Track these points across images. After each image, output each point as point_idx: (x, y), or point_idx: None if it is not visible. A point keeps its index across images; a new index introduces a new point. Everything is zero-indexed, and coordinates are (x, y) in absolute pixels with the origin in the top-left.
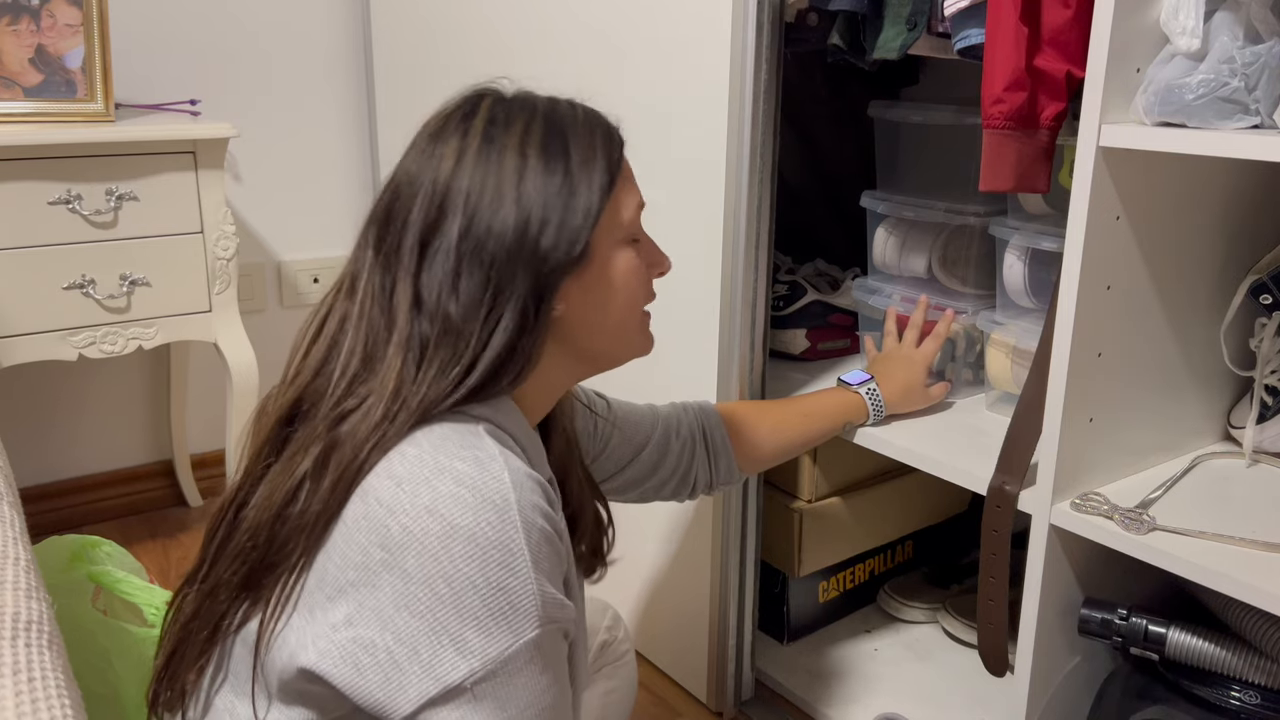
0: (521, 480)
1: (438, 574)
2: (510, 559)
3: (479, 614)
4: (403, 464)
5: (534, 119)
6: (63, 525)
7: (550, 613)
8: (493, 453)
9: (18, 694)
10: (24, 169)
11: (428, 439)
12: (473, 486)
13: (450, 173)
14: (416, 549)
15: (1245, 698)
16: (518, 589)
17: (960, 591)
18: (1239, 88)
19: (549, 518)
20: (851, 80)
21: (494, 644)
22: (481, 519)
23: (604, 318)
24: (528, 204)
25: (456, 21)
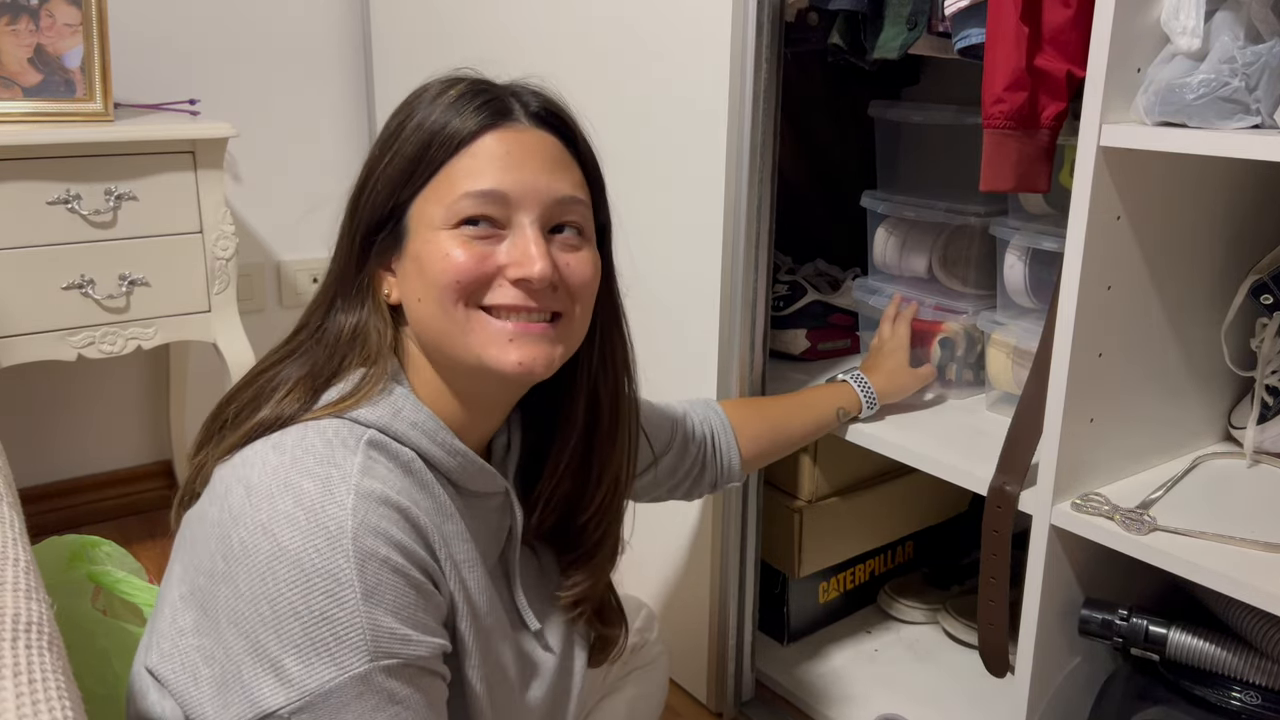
0: (371, 507)
1: (263, 595)
2: (336, 588)
3: (300, 642)
4: (260, 472)
5: (414, 97)
6: (63, 525)
7: (387, 648)
8: (348, 473)
9: (18, 695)
10: (23, 169)
11: (294, 447)
12: (309, 509)
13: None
14: (248, 565)
15: (1246, 698)
16: (344, 620)
17: (960, 592)
18: (1239, 87)
19: (403, 549)
20: (851, 80)
21: (314, 676)
22: (310, 544)
23: (417, 308)
24: (363, 173)
25: (457, 21)
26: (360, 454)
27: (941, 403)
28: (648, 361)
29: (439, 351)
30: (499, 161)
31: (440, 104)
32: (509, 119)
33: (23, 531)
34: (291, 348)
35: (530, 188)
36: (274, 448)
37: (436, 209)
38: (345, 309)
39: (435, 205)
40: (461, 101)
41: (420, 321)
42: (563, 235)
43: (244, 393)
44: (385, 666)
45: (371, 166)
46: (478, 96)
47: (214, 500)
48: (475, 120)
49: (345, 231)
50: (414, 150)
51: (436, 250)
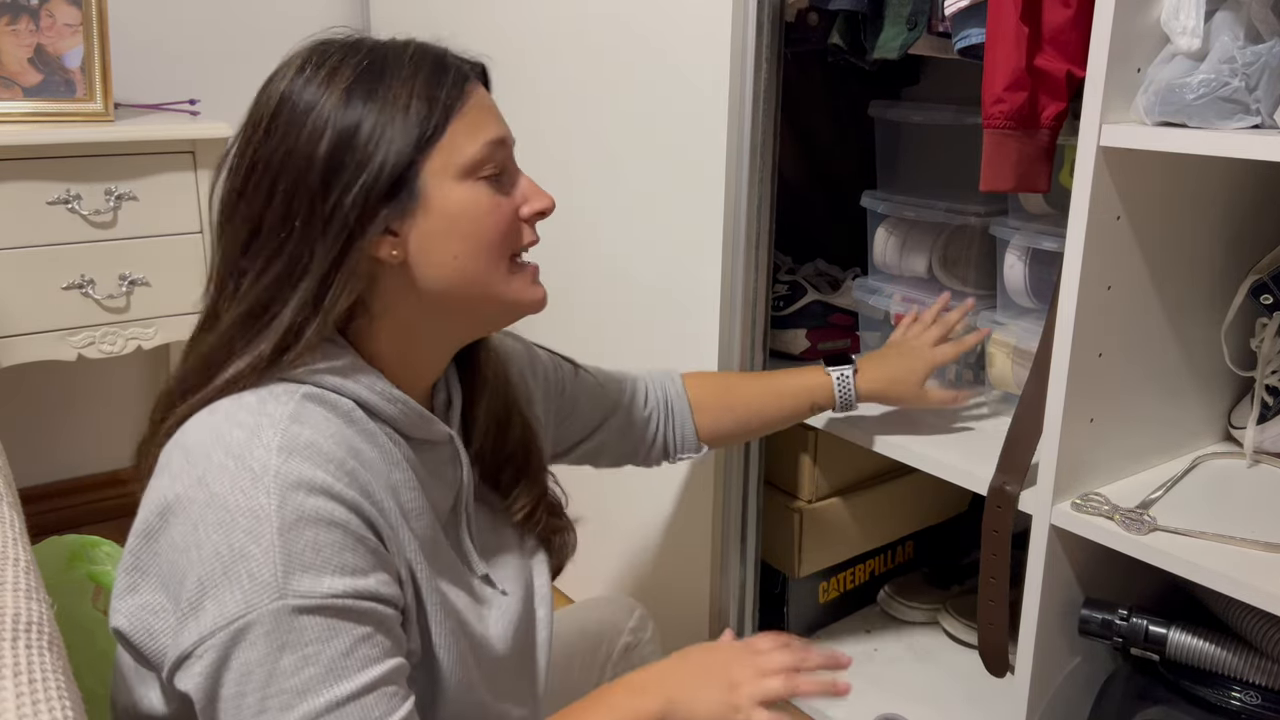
0: (298, 449)
1: (193, 543)
2: (255, 525)
3: (218, 581)
4: (196, 432)
5: (350, 57)
6: (63, 525)
7: (299, 587)
8: (276, 418)
9: (18, 695)
10: (23, 169)
11: (228, 406)
12: (237, 455)
13: (255, 115)
14: (182, 517)
15: (1246, 698)
16: (258, 557)
17: (960, 592)
18: (1239, 87)
19: (330, 492)
20: (851, 80)
21: (225, 610)
22: (236, 485)
23: (451, 263)
24: (316, 141)
25: (456, 22)
26: (293, 404)
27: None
28: (648, 361)
29: (462, 301)
30: (489, 113)
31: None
32: (473, 76)
33: (23, 531)
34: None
35: (509, 133)
36: (209, 411)
37: (454, 162)
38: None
39: (453, 159)
40: (439, 72)
41: (452, 275)
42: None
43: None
44: (296, 606)
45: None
46: (443, 64)
47: (158, 473)
48: (459, 80)
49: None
50: (415, 121)
51: (478, 204)
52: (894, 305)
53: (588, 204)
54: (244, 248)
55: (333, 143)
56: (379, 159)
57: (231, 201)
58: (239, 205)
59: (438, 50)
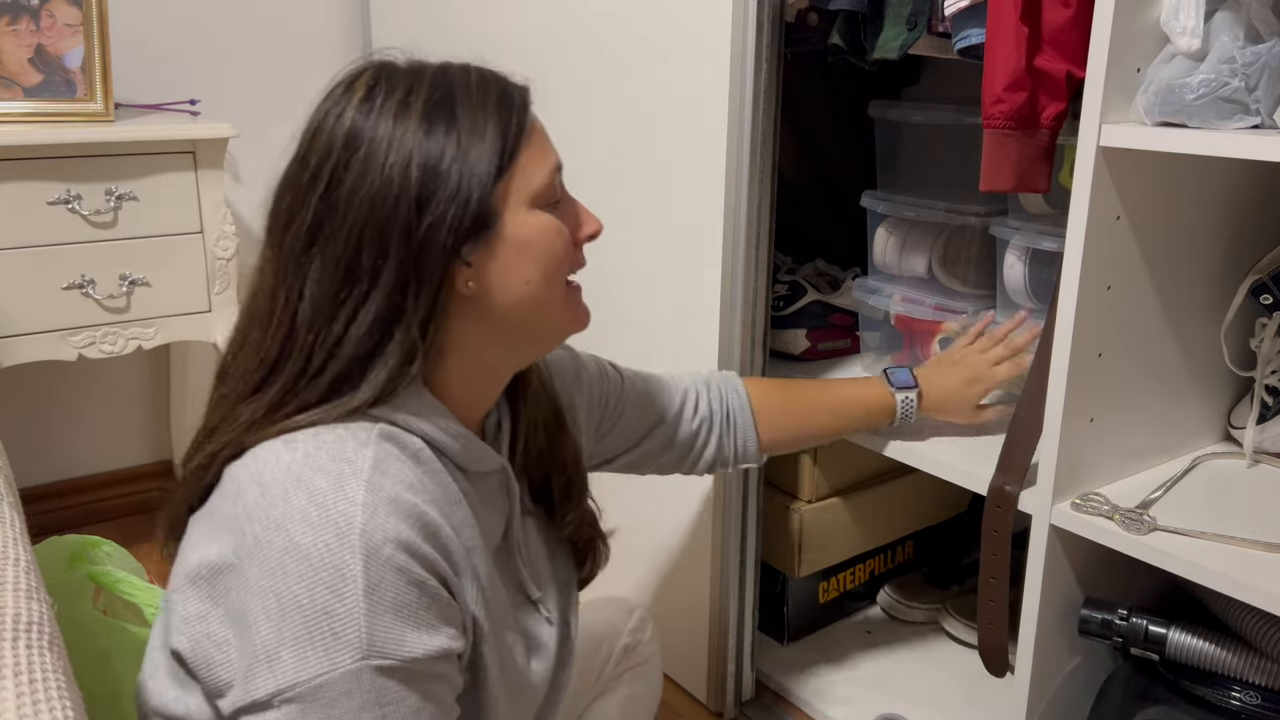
0: (381, 504)
1: (270, 589)
2: (340, 584)
3: (298, 635)
4: (273, 470)
5: (418, 85)
6: (63, 525)
7: (382, 648)
8: (360, 468)
9: (19, 695)
10: (24, 169)
11: (306, 444)
12: (321, 505)
13: (324, 145)
14: (259, 560)
15: (1246, 698)
16: (343, 616)
17: (960, 592)
18: (1239, 88)
19: (411, 549)
20: (851, 80)
21: (306, 667)
22: (320, 539)
23: (523, 290)
24: (403, 174)
25: (456, 22)
26: (373, 448)
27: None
28: (648, 361)
29: (525, 327)
30: (545, 141)
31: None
32: (530, 104)
33: (23, 531)
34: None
35: (559, 158)
36: (286, 444)
37: (525, 191)
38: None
39: (522, 189)
40: (505, 99)
41: (521, 300)
42: None
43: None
44: (378, 666)
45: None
46: (508, 90)
47: (226, 497)
48: (524, 106)
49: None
50: (492, 150)
51: (544, 232)
52: (894, 305)
53: (588, 203)
54: (331, 284)
55: (419, 176)
56: (464, 190)
57: (307, 235)
58: (318, 241)
59: (497, 75)
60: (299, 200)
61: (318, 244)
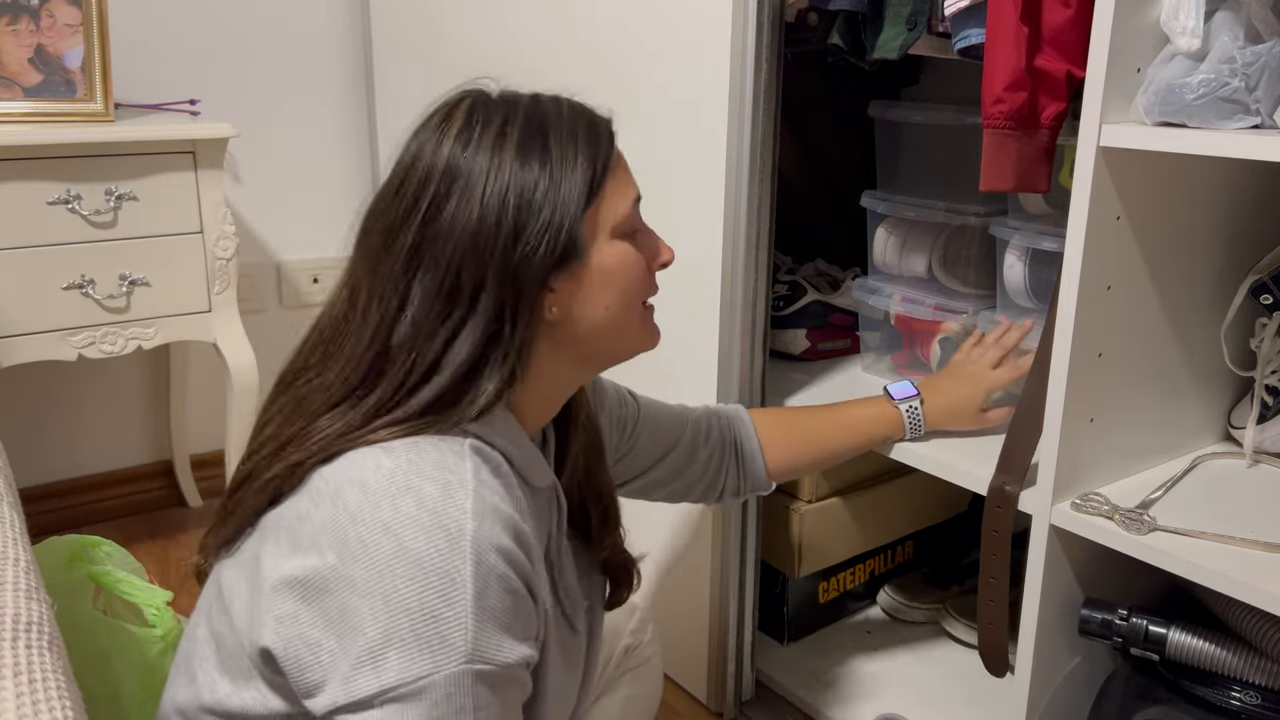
0: (487, 513)
1: (378, 591)
2: (450, 589)
3: (405, 637)
4: (376, 475)
5: (513, 116)
6: (63, 525)
7: (484, 653)
8: (464, 478)
9: (18, 695)
10: (23, 169)
11: (406, 453)
12: (433, 510)
13: (423, 173)
14: (366, 563)
15: (1246, 698)
16: (451, 620)
17: (960, 592)
18: (1239, 88)
19: (510, 559)
20: (851, 80)
21: (411, 668)
22: (432, 544)
23: (602, 315)
24: (500, 204)
25: (456, 22)
26: (470, 460)
27: None
28: (647, 361)
29: (602, 348)
30: (626, 174)
31: (578, 142)
32: (614, 136)
33: (23, 531)
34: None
35: (639, 190)
36: (385, 451)
37: (608, 222)
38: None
39: (606, 219)
40: (593, 132)
41: (600, 325)
42: None
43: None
44: (478, 671)
45: (531, 213)
46: (595, 124)
47: (321, 500)
48: (609, 143)
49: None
50: (582, 181)
51: (624, 259)
52: (894, 305)
53: None
54: (432, 307)
55: (515, 205)
56: (556, 221)
57: (406, 259)
58: (418, 265)
59: (586, 108)
60: (397, 226)
61: (418, 268)
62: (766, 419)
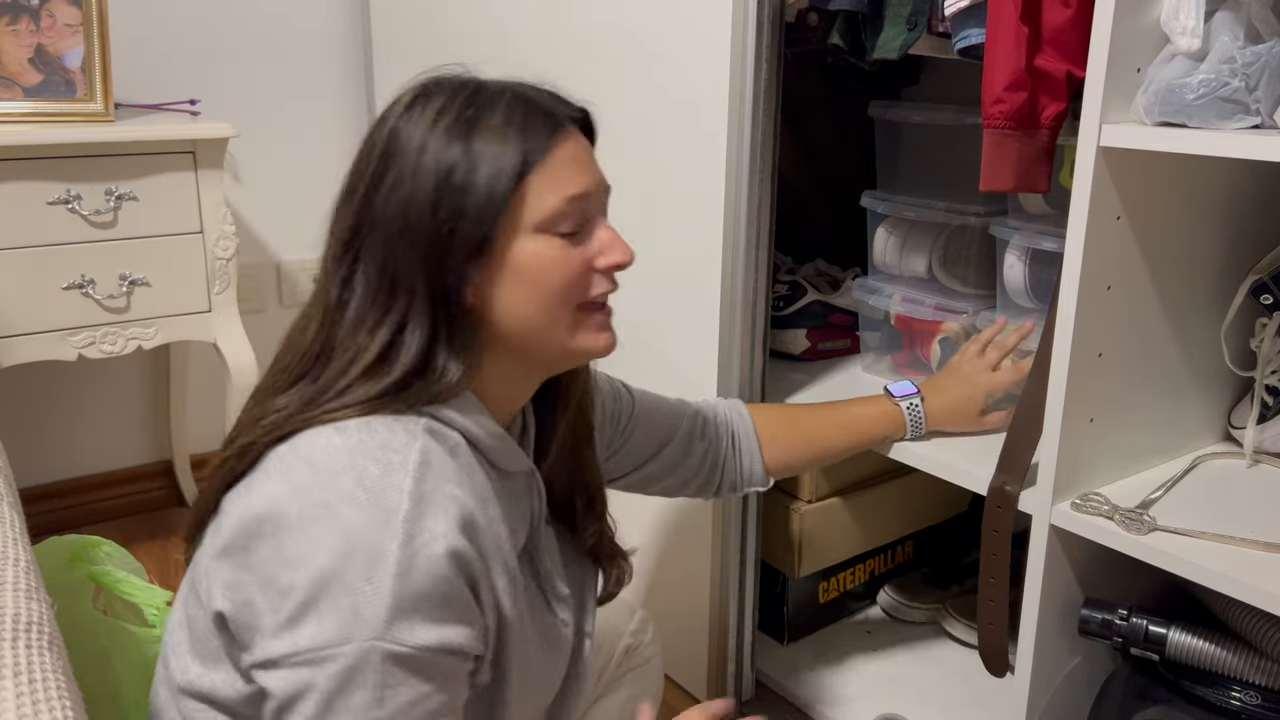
0: (425, 497)
1: (305, 559)
2: (374, 566)
3: (323, 606)
4: (325, 453)
5: (455, 99)
6: (63, 525)
7: (397, 634)
8: (409, 459)
9: (18, 695)
10: (24, 169)
11: (358, 431)
12: (370, 489)
13: (366, 153)
14: (299, 533)
15: (1246, 698)
16: (369, 595)
17: (960, 592)
18: (1239, 88)
19: (448, 545)
20: (851, 80)
21: (322, 635)
22: (365, 521)
23: (520, 313)
24: (424, 185)
25: (455, 21)
26: (420, 441)
27: None
28: (648, 361)
29: (530, 347)
30: (572, 166)
31: (503, 125)
32: (564, 126)
33: (23, 531)
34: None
35: (595, 184)
36: (337, 430)
37: (528, 217)
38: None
39: (527, 215)
40: (524, 118)
41: (517, 323)
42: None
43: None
44: (388, 651)
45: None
46: (533, 109)
47: (270, 476)
48: (545, 133)
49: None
50: (502, 173)
51: (542, 259)
52: (894, 305)
53: None
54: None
55: (435, 186)
56: (470, 207)
57: (347, 238)
58: (358, 245)
59: (536, 94)
60: (345, 206)
61: (359, 249)
62: (766, 415)
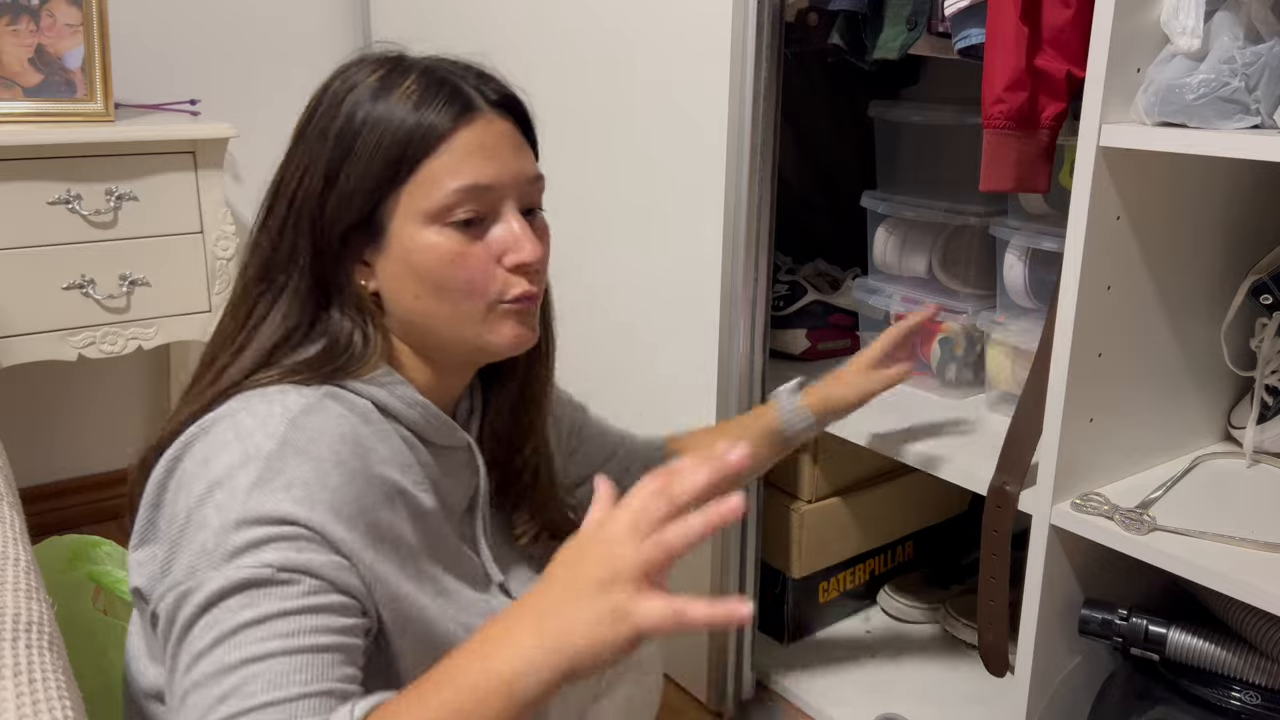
0: (297, 443)
1: (182, 509)
2: (227, 499)
3: (179, 543)
4: (214, 415)
5: (373, 72)
6: (63, 525)
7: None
8: (290, 409)
9: (19, 695)
10: (24, 169)
11: (249, 398)
12: (241, 434)
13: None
14: (182, 489)
15: (1246, 698)
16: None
17: (960, 591)
18: (1239, 88)
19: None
20: (851, 80)
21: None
22: (228, 461)
23: (414, 304)
24: (322, 154)
25: (455, 22)
26: (310, 398)
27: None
28: (648, 361)
29: (429, 337)
30: (478, 154)
31: (403, 100)
32: (476, 109)
33: (23, 531)
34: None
35: (508, 175)
36: (236, 399)
37: (420, 205)
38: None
39: (419, 202)
40: (428, 95)
41: (413, 313)
42: (535, 219)
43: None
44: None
45: (333, 164)
46: (442, 88)
47: (174, 448)
48: (449, 115)
49: (309, 225)
50: (391, 151)
51: (433, 250)
52: (894, 305)
53: (588, 205)
54: (269, 258)
55: (330, 158)
56: (354, 189)
57: (268, 201)
58: (270, 204)
59: (452, 71)
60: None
61: (265, 218)
62: (680, 449)
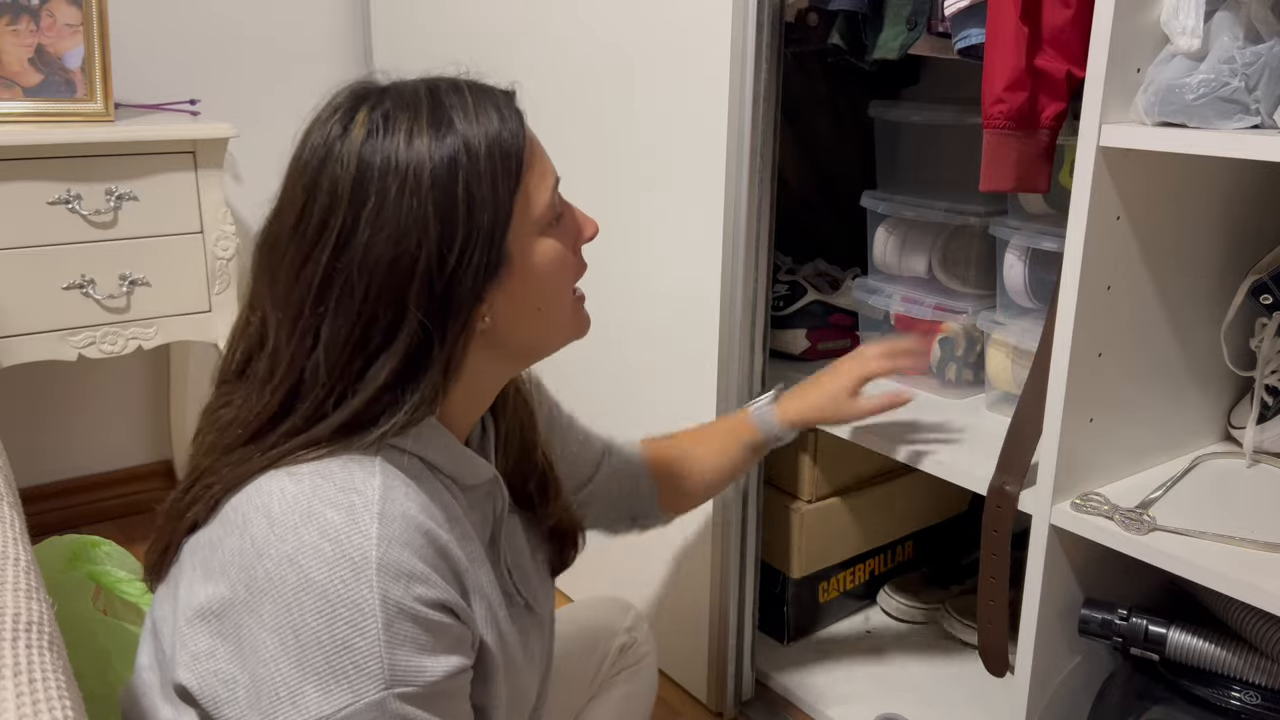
0: (394, 537)
1: (288, 625)
2: (359, 618)
3: (320, 670)
4: (280, 502)
5: (418, 115)
6: (63, 525)
7: (402, 676)
8: (370, 500)
9: (18, 695)
10: (24, 169)
11: (312, 477)
12: (335, 539)
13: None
14: (274, 596)
15: (1246, 698)
16: (364, 649)
17: (960, 591)
18: (1239, 88)
19: (424, 579)
20: (851, 80)
21: (330, 701)
22: (336, 575)
23: (535, 316)
24: (419, 223)
25: (457, 22)
26: (379, 477)
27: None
28: (649, 361)
29: (534, 346)
30: (542, 152)
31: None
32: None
33: (23, 531)
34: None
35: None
36: (290, 476)
37: (531, 215)
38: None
39: (529, 212)
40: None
41: (532, 330)
42: None
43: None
44: (400, 694)
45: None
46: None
47: (230, 530)
48: (517, 131)
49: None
50: (503, 183)
51: (547, 255)
52: (894, 305)
53: (587, 204)
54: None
55: (438, 220)
56: (482, 232)
57: (318, 293)
58: (331, 299)
59: (485, 89)
60: (305, 254)
61: (332, 301)
62: (655, 453)
